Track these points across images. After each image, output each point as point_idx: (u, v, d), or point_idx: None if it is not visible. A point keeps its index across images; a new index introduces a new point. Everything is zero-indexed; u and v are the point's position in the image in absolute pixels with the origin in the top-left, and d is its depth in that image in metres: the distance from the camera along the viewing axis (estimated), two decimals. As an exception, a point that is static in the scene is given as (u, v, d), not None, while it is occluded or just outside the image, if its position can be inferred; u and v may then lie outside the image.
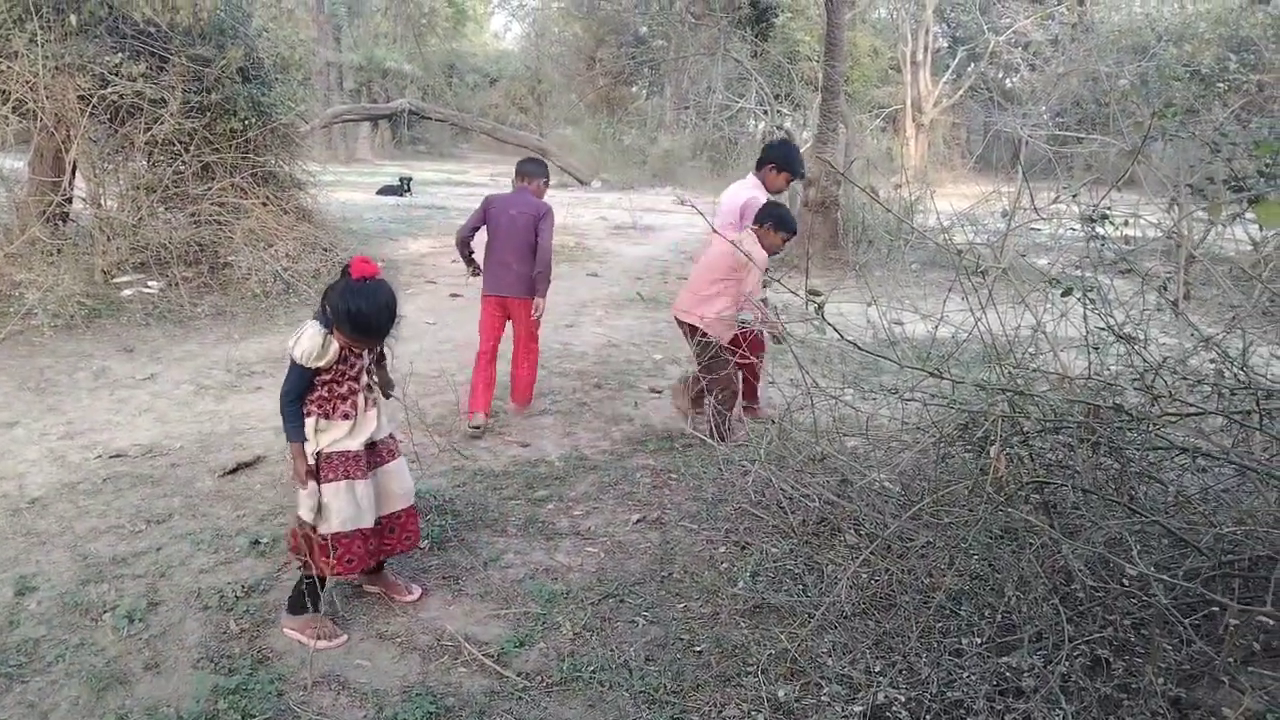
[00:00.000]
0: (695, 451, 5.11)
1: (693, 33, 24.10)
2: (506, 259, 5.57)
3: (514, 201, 5.64)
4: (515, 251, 5.55)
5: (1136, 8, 20.77)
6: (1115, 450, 2.75)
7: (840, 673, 2.84)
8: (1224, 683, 2.47)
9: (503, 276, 5.62)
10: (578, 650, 3.21)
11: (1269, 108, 10.18)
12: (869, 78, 26.83)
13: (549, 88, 35.90)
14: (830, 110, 11.93)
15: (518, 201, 5.63)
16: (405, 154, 36.48)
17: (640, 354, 7.44)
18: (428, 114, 25.95)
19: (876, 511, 3.69)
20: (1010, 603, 2.83)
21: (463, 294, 9.39)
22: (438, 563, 3.86)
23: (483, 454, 5.12)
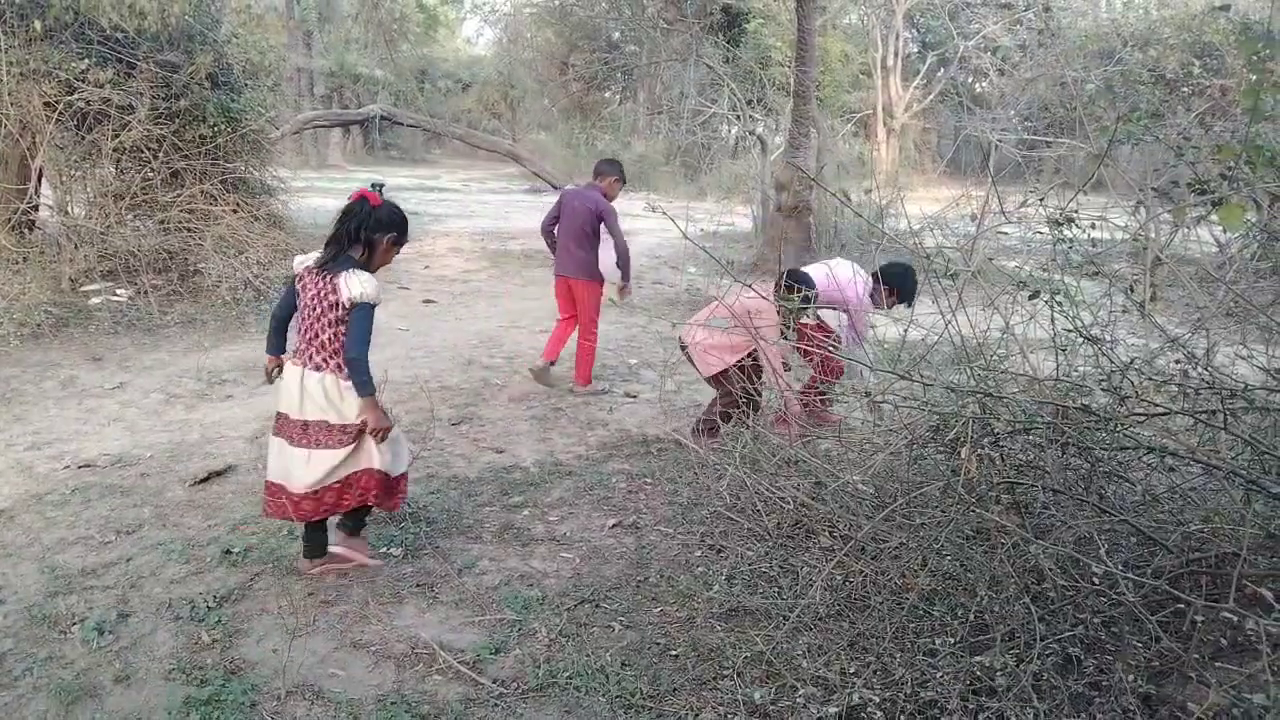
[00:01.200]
0: (670, 456, 5.12)
1: (665, 38, 24.13)
2: (569, 244, 6.42)
3: (582, 195, 6.48)
4: (575, 238, 6.38)
5: (1103, 13, 21.03)
6: (1084, 450, 2.79)
7: (815, 674, 2.86)
8: (1192, 678, 2.50)
9: (565, 260, 6.48)
10: (554, 656, 3.20)
11: (1231, 112, 10.34)
12: (840, 83, 26.97)
13: (522, 93, 35.86)
14: (802, 115, 11.98)
15: (584, 195, 6.45)
16: (377, 160, 36.28)
17: (616, 359, 7.45)
18: (399, 119, 25.82)
19: (850, 513, 3.71)
20: (982, 602, 2.85)
21: (436, 300, 9.36)
22: (412, 570, 3.84)
23: (457, 460, 5.11)
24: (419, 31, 39.59)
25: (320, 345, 3.53)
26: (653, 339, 7.93)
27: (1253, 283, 3.77)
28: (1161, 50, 16.67)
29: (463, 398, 6.24)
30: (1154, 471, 3.30)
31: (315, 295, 3.51)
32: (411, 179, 26.88)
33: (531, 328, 8.46)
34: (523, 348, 7.71)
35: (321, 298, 3.48)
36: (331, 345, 3.51)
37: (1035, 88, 18.20)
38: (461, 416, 5.83)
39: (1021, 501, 3.04)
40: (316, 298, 3.50)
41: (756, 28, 23.38)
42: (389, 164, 35.27)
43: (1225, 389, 2.43)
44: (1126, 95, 7.11)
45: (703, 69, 18.84)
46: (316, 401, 3.53)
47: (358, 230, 3.48)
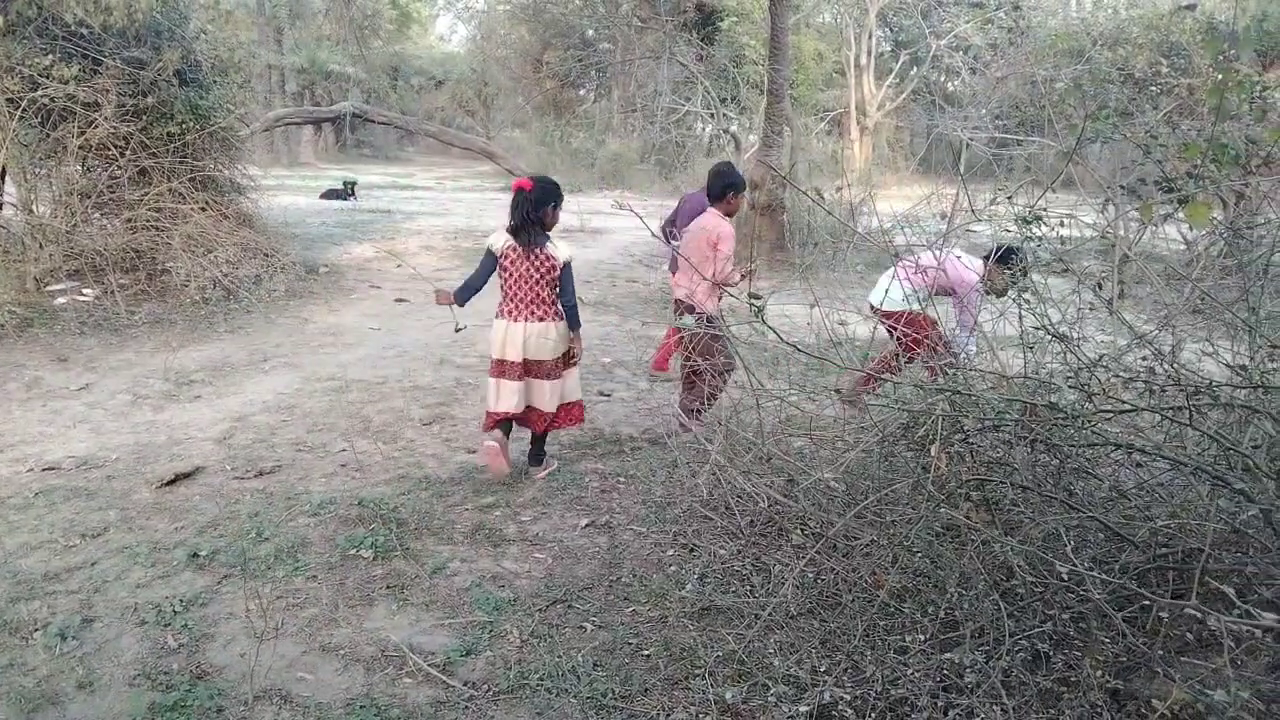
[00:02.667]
0: (644, 454, 5.11)
1: (639, 36, 24.14)
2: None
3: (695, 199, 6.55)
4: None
5: (1073, 13, 21.24)
6: (1052, 447, 2.80)
7: (787, 673, 2.85)
8: (1159, 674, 2.52)
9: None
10: (525, 658, 3.18)
11: (1198, 110, 10.46)
12: (814, 81, 27.09)
13: (495, 91, 35.73)
14: (775, 113, 12.01)
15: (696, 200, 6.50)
16: (349, 157, 36.06)
17: (588, 358, 7.40)
18: (372, 117, 25.66)
19: (822, 511, 3.72)
20: (952, 599, 2.86)
21: (408, 299, 9.30)
22: (382, 572, 3.81)
23: (429, 461, 5.07)
24: (391, 28, 39.39)
25: (542, 302, 4.60)
26: (626, 338, 7.90)
27: (1218, 279, 3.80)
28: (1130, 49, 16.83)
29: (435, 397, 6.19)
30: (1122, 468, 3.33)
31: (531, 267, 4.56)
32: (384, 177, 26.73)
33: (505, 326, 8.43)
34: (496, 347, 7.68)
35: (538, 267, 4.55)
36: (550, 299, 4.61)
37: (1006, 86, 18.35)
38: (433, 416, 5.79)
39: (991, 498, 3.05)
40: (533, 268, 4.56)
41: (730, 26, 23.43)
42: (361, 161, 35.07)
43: (1190, 386, 2.45)
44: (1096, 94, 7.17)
45: (677, 67, 18.83)
46: (546, 345, 4.63)
47: (530, 211, 4.53)
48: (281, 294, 9.26)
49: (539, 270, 4.55)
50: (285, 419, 5.71)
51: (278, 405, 5.96)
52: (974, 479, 2.89)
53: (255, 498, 4.54)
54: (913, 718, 2.62)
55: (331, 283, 10.12)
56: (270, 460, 5.02)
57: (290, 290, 9.44)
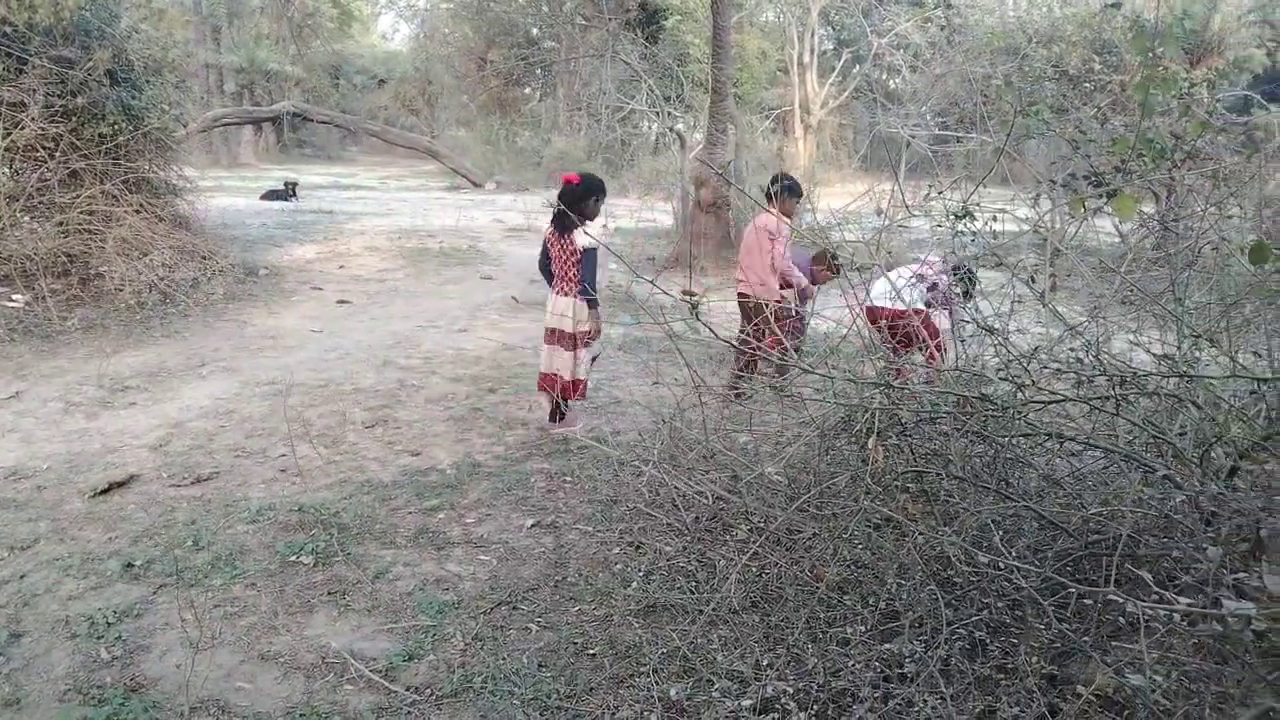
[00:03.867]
0: (590, 454, 5.09)
1: (583, 34, 24.09)
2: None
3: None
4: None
5: (1009, 11, 21.60)
6: (986, 438, 2.85)
7: (730, 668, 2.87)
8: (1093, 658, 2.57)
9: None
10: (469, 661, 3.16)
11: (1130, 107, 10.73)
12: (758, 80, 27.25)
13: (439, 89, 35.38)
14: (719, 112, 12.06)
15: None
16: (291, 158, 35.46)
17: (536, 357, 7.37)
18: (313, 116, 25.30)
19: (766, 505, 3.74)
20: (892, 590, 2.90)
21: (350, 300, 9.18)
22: (323, 578, 3.75)
23: (371, 464, 5.00)
24: (332, 27, 38.81)
25: (568, 280, 5.25)
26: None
27: (1146, 271, 3.90)
28: (1064, 47, 17.20)
29: (378, 400, 6.11)
30: (1057, 457, 3.40)
31: (560, 249, 5.25)
32: (326, 177, 26.33)
33: (449, 327, 8.34)
34: (441, 347, 7.60)
35: (564, 250, 5.22)
36: (574, 279, 5.20)
37: (945, 84, 18.63)
38: (376, 419, 5.72)
39: (928, 490, 3.09)
40: (562, 251, 5.24)
41: (674, 25, 23.48)
42: (303, 161, 34.53)
43: (1117, 375, 2.51)
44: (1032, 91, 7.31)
45: (621, 65, 18.82)
46: (565, 319, 5.25)
47: (572, 203, 5.06)
48: (220, 297, 9.08)
49: (566, 252, 5.22)
50: (223, 424, 5.60)
51: (216, 410, 5.84)
52: (911, 471, 2.92)
53: (192, 505, 4.45)
54: (854, 709, 2.64)
55: (272, 285, 9.95)
56: (208, 467, 4.92)
57: (229, 293, 9.26)
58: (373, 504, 4.46)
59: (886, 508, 2.98)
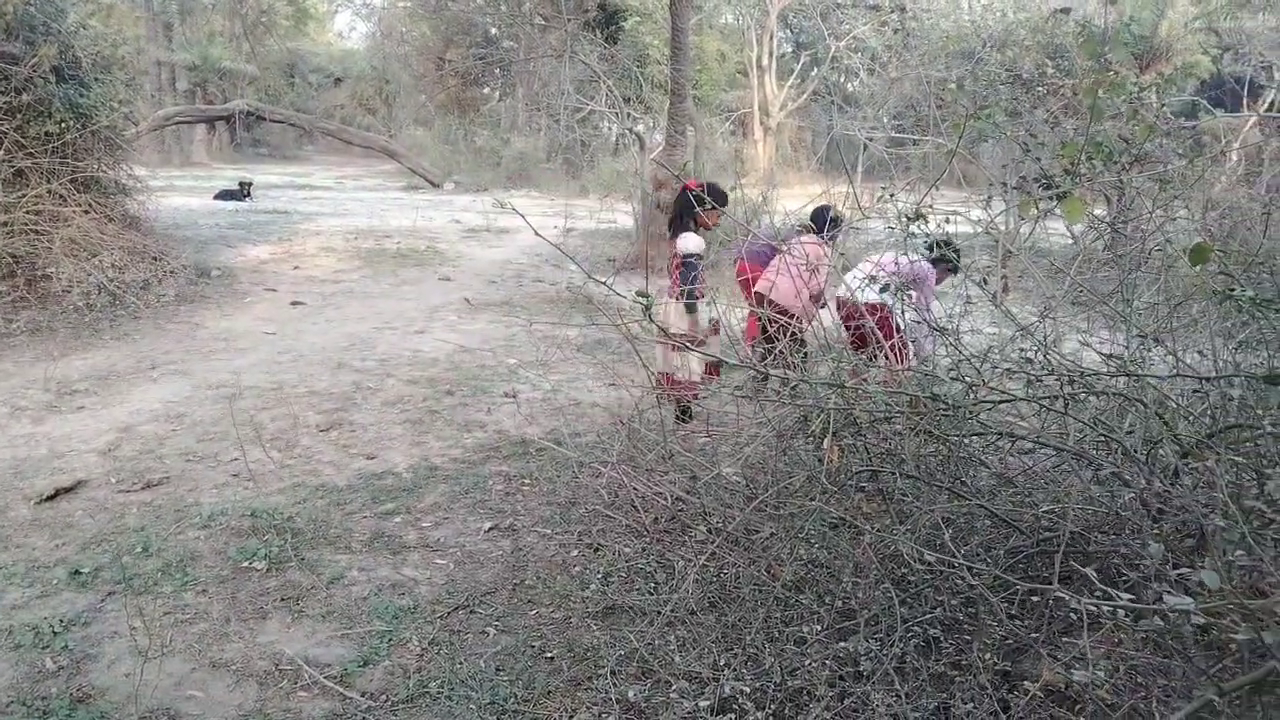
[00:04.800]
0: (549, 455, 5.07)
1: (542, 34, 24.02)
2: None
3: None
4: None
5: (964, 16, 21.90)
6: (938, 437, 2.88)
7: (688, 669, 2.87)
8: (1044, 655, 2.61)
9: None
10: (425, 666, 3.13)
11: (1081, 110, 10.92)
12: (717, 82, 27.38)
13: (397, 88, 35.07)
14: (678, 113, 12.08)
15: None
16: (246, 157, 34.93)
17: (494, 359, 7.34)
18: (267, 115, 24.96)
19: (725, 506, 3.75)
20: (847, 589, 2.92)
21: (305, 301, 9.07)
22: (276, 584, 3.70)
23: (326, 468, 4.94)
24: (287, 24, 38.32)
25: (674, 282, 5.33)
26: (532, 338, 7.83)
27: (1096, 272, 3.96)
28: (1018, 51, 17.48)
29: (332, 403, 6.04)
30: (1009, 455, 3.44)
31: (671, 253, 5.40)
32: (282, 176, 25.98)
33: (406, 329, 8.26)
34: (397, 349, 7.52)
35: (673, 254, 5.35)
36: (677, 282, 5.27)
37: (901, 87, 18.84)
38: (331, 422, 5.65)
39: (883, 489, 3.12)
40: (672, 254, 5.38)
41: (634, 26, 23.50)
42: (258, 161, 34.05)
43: (1065, 375, 2.55)
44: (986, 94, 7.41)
45: (580, 66, 18.80)
46: (669, 320, 5.23)
47: (686, 208, 5.21)
48: (171, 299, 8.92)
49: (673, 257, 5.43)
50: (174, 428, 5.49)
51: (166, 414, 5.74)
52: (865, 470, 2.94)
53: (142, 511, 4.36)
54: (811, 707, 2.66)
55: (225, 286, 9.79)
56: (158, 472, 4.83)
57: (181, 295, 9.10)
58: (327, 508, 4.41)
59: (841, 507, 3.00)
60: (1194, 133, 8.83)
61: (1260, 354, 3.25)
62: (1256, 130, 12.71)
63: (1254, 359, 3.33)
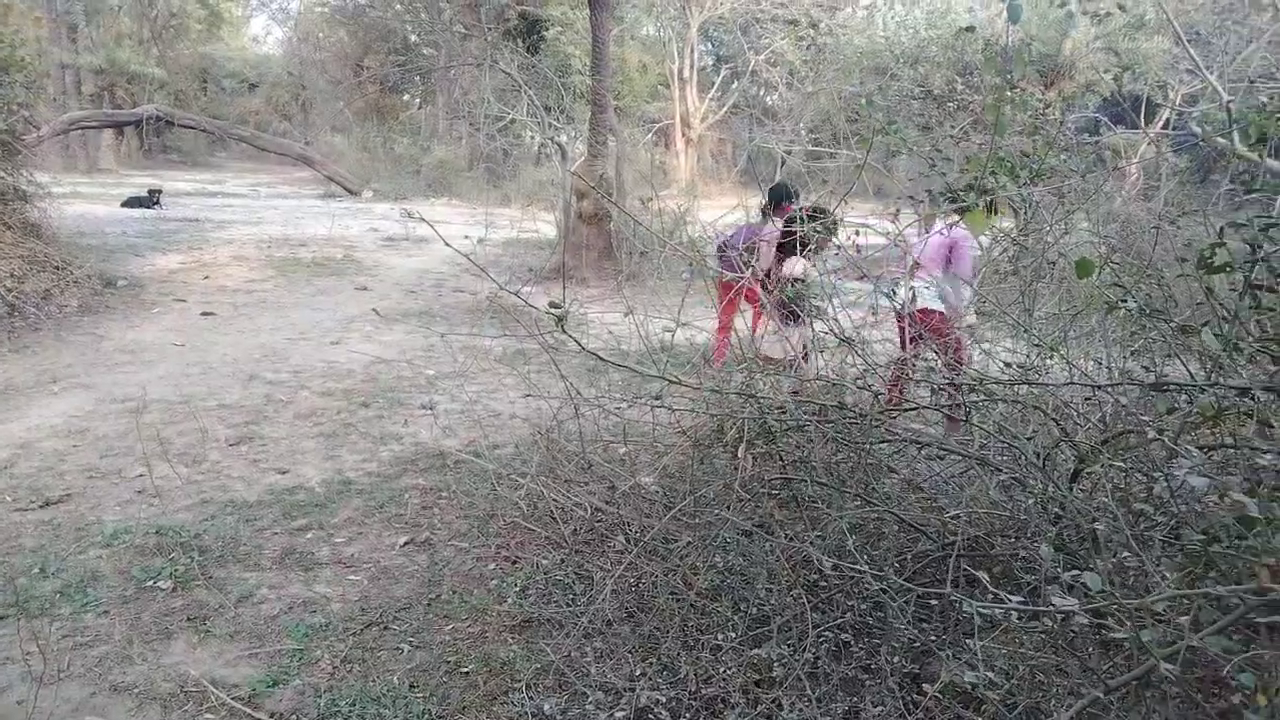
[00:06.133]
0: (467, 468, 5.02)
1: (462, 43, 23.85)
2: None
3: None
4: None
5: (879, 33, 22.42)
6: (845, 445, 2.94)
7: (604, 680, 2.86)
8: (948, 656, 2.67)
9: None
10: (336, 684, 3.06)
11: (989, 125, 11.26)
12: (639, 93, 27.52)
13: (314, 95, 34.42)
14: (600, 124, 12.11)
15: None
16: (156, 163, 33.86)
17: (412, 370, 7.24)
18: (178, 121, 24.25)
19: (644, 515, 3.76)
20: (761, 595, 2.95)
21: (216, 312, 8.83)
22: (182, 604, 3.58)
23: (235, 484, 4.81)
24: (200, 29, 37.35)
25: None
26: (451, 349, 7.75)
27: (997, 284, 4.09)
28: (929, 68, 17.98)
29: (243, 416, 5.88)
30: (920, 461, 3.52)
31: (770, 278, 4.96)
32: (194, 183, 25.25)
33: (320, 340, 8.10)
34: (311, 361, 7.37)
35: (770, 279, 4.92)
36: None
37: (816, 101, 19.20)
38: (241, 436, 5.50)
39: (796, 495, 3.17)
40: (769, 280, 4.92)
41: (555, 36, 23.49)
42: (168, 168, 33.02)
43: (966, 383, 2.62)
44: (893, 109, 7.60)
45: (501, 75, 18.72)
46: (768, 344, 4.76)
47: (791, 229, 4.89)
48: (74, 309, 8.59)
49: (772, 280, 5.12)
50: (75, 444, 5.29)
51: (67, 429, 5.52)
52: (778, 478, 2.99)
53: (39, 530, 4.19)
54: (726, 715, 2.68)
55: (131, 297, 9.47)
56: (58, 489, 4.64)
57: (84, 305, 8.77)
58: (236, 525, 4.29)
59: (753, 514, 3.03)
60: (1097, 148, 9.19)
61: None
62: (1155, 147, 13.26)
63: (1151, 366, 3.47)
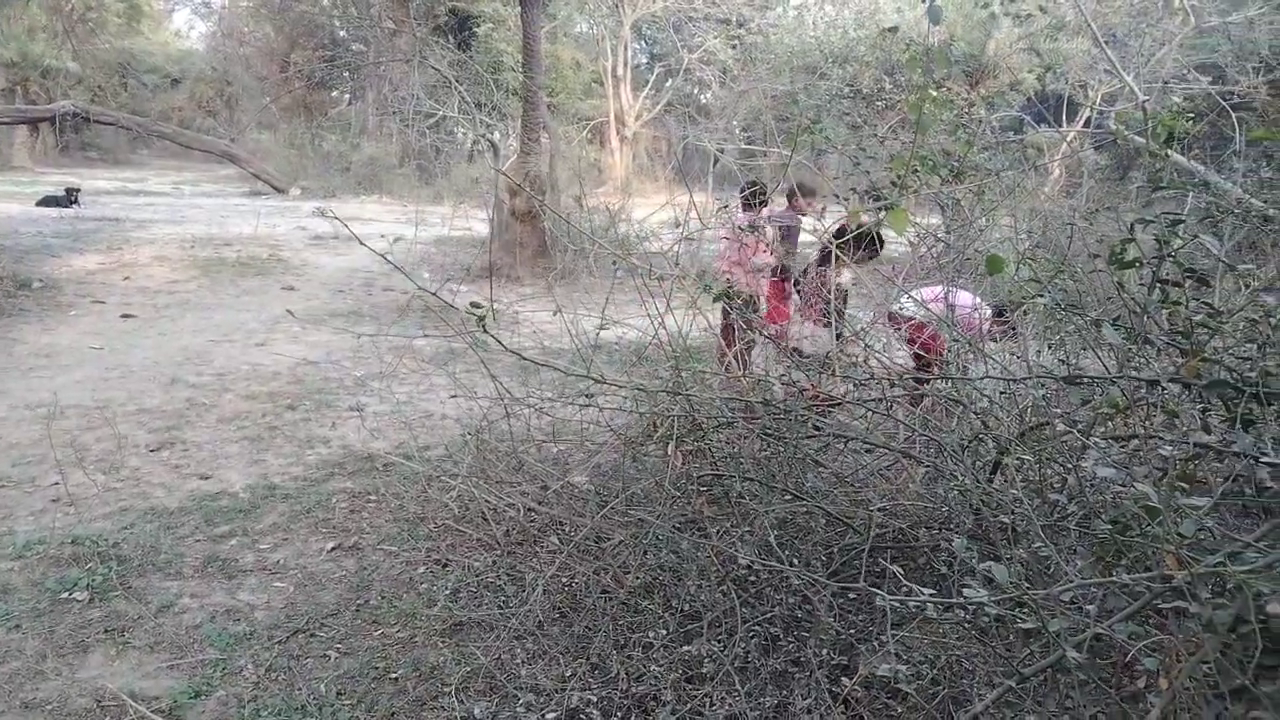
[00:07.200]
0: (397, 470, 4.95)
1: (391, 38, 23.52)
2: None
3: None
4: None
5: (809, 33, 22.65)
6: (778, 439, 2.96)
7: (534, 682, 2.85)
8: (862, 650, 2.71)
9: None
10: (261, 694, 3.00)
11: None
12: (573, 90, 27.41)
13: (239, 91, 33.61)
14: (532, 121, 12.03)
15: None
16: (74, 161, 32.72)
17: (339, 371, 7.12)
18: (96, 117, 23.49)
19: (577, 514, 3.74)
20: (691, 592, 2.96)
21: (136, 314, 8.57)
22: (100, 615, 3.47)
23: (156, 490, 4.67)
24: (119, 22, 36.18)
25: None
26: (380, 350, 7.61)
27: (920, 280, 4.17)
28: (858, 67, 18.24)
29: (164, 420, 5.71)
30: (850, 454, 3.57)
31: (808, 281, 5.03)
32: (113, 182, 24.47)
33: (246, 341, 7.91)
34: (236, 363, 7.19)
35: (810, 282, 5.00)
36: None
37: (748, 100, 19.34)
38: (162, 442, 5.34)
39: (727, 491, 3.18)
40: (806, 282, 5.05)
41: (487, 32, 23.29)
42: (87, 165, 31.96)
43: (887, 378, 2.66)
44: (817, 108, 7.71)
45: (431, 71, 18.51)
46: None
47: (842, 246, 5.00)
48: (-16, 313, 8.27)
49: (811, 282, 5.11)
50: (-15, 453, 5.09)
51: (-24, 438, 5.31)
52: (708, 474, 3.00)
53: (-55, 544, 4.02)
54: (658, 712, 2.68)
55: (47, 299, 9.14)
56: (-35, 500, 4.47)
57: (-5, 308, 8.45)
58: (156, 533, 4.17)
59: (685, 511, 3.04)
60: (1021, 146, 9.42)
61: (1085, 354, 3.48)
62: (1077, 145, 13.65)
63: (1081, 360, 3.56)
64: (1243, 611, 1.43)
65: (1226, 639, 1.47)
